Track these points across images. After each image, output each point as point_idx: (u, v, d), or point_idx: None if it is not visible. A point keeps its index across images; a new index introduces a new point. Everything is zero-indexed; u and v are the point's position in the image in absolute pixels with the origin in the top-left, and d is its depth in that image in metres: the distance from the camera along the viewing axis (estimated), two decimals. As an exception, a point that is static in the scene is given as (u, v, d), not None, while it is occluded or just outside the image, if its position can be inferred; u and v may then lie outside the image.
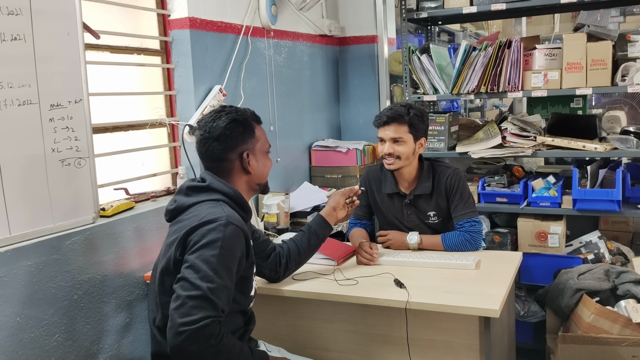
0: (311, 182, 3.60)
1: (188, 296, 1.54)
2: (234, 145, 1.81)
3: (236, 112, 1.84)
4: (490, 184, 3.24)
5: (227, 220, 1.66)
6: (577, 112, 3.42)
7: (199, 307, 1.53)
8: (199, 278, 1.57)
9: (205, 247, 1.61)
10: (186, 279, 1.58)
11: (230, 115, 1.81)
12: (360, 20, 3.91)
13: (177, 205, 1.80)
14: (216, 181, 1.80)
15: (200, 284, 1.56)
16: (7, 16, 1.83)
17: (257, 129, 1.88)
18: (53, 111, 1.98)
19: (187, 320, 1.51)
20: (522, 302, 3.17)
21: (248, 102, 3.01)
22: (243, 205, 1.82)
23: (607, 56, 2.89)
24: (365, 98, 3.95)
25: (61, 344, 2.01)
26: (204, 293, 1.55)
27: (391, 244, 2.48)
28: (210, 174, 1.82)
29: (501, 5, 3.13)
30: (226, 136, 1.79)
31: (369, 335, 2.10)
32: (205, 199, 1.76)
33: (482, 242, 2.42)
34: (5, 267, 1.83)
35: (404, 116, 2.38)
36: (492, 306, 1.83)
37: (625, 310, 2.48)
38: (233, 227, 1.66)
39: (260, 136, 1.88)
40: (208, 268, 1.58)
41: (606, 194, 2.88)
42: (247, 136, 1.83)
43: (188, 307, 1.53)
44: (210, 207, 1.72)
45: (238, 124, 1.81)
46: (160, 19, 2.68)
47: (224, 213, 1.68)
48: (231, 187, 1.80)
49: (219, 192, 1.78)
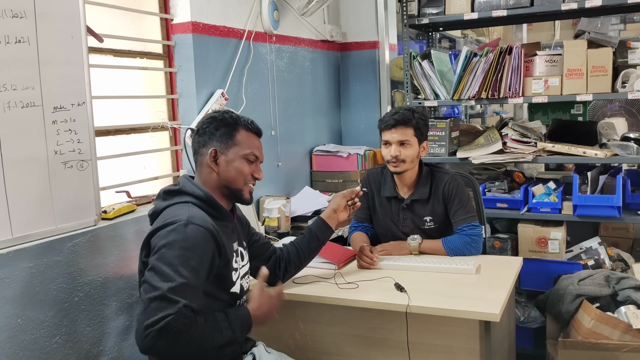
0: (312, 187, 3.60)
1: (149, 298, 1.55)
2: (206, 141, 1.86)
3: (224, 114, 1.89)
4: (490, 189, 3.25)
5: (187, 220, 1.67)
6: (577, 118, 3.43)
7: (158, 308, 1.53)
8: (159, 280, 1.57)
9: (165, 247, 1.62)
10: (147, 282, 1.59)
11: (218, 114, 1.90)
12: (361, 26, 3.93)
13: (153, 210, 1.84)
14: (189, 184, 1.83)
15: (160, 285, 1.56)
16: (12, 19, 1.84)
17: (241, 135, 1.87)
18: (56, 113, 1.99)
19: (150, 322, 1.52)
20: (522, 308, 3.17)
21: (250, 107, 3.02)
22: (215, 206, 1.83)
23: (608, 63, 2.90)
24: (366, 103, 3.97)
25: (62, 346, 2.01)
26: (162, 293, 1.55)
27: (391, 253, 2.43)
28: (186, 178, 1.87)
29: (502, 12, 3.14)
30: (202, 131, 1.87)
31: (370, 339, 2.10)
32: (177, 201, 1.79)
33: (481, 246, 2.42)
34: (6, 268, 1.83)
35: (411, 120, 2.40)
36: (493, 310, 1.83)
37: (625, 316, 2.48)
38: (194, 226, 1.67)
39: (242, 142, 1.87)
40: (169, 269, 1.59)
41: (606, 200, 2.89)
42: (222, 136, 1.85)
43: (150, 309, 1.54)
44: (177, 209, 1.75)
45: (215, 121, 1.87)
46: (163, 23, 2.69)
47: (187, 214, 1.70)
48: (203, 189, 1.83)
49: (189, 194, 1.81)
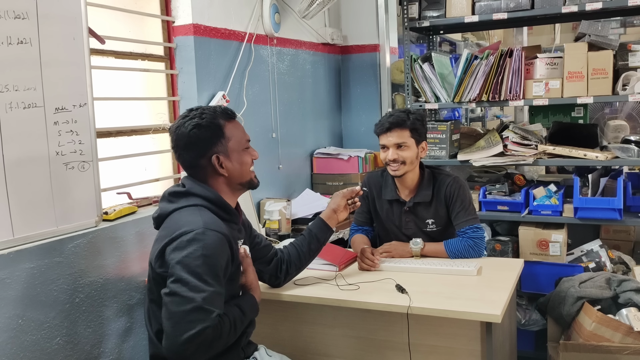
0: (313, 189, 3.60)
1: (184, 311, 1.53)
2: (202, 151, 1.74)
3: (200, 115, 1.74)
4: (491, 192, 3.25)
5: (204, 227, 1.63)
6: (578, 121, 3.43)
7: (196, 320, 1.52)
8: (190, 290, 1.54)
9: (187, 258, 1.58)
10: (176, 294, 1.55)
11: (193, 121, 1.73)
12: (362, 29, 3.94)
13: (159, 213, 1.78)
14: (196, 185, 1.76)
15: (192, 296, 1.53)
16: (14, 20, 1.85)
17: (228, 128, 1.77)
18: (58, 114, 2.00)
19: (189, 336, 1.50)
20: (523, 311, 3.16)
21: (251, 109, 3.03)
22: (225, 207, 1.78)
23: (608, 65, 2.90)
24: (366, 106, 3.97)
25: (62, 347, 2.01)
26: (198, 305, 1.53)
27: (393, 254, 2.43)
28: (190, 178, 1.79)
29: (503, 15, 3.14)
30: (192, 143, 1.73)
31: (371, 341, 2.09)
32: (186, 204, 1.73)
33: (484, 249, 2.42)
34: (7, 269, 1.83)
35: (405, 121, 2.38)
36: (494, 311, 1.83)
37: (626, 318, 2.48)
38: (211, 232, 1.64)
39: (232, 134, 1.78)
40: (196, 279, 1.56)
41: (607, 203, 2.88)
42: (215, 139, 1.75)
43: (186, 322, 1.52)
44: (189, 214, 1.70)
45: (202, 128, 1.73)
46: (164, 25, 2.70)
47: (201, 220, 1.66)
48: (212, 190, 1.77)
49: (198, 196, 1.74)
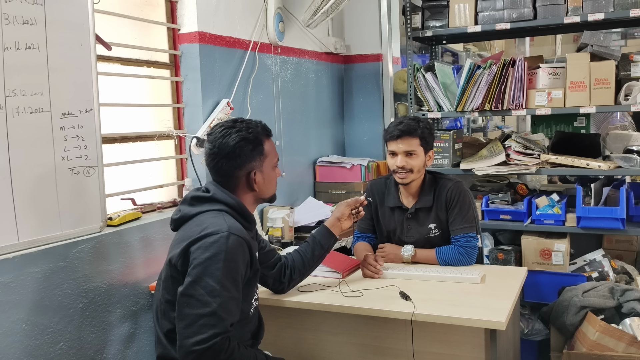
0: (315, 198, 3.61)
1: (197, 314, 1.54)
2: (242, 164, 1.79)
3: (247, 129, 1.80)
4: (494, 201, 3.25)
5: (228, 231, 1.65)
6: (580, 131, 3.44)
7: (208, 324, 1.53)
8: (207, 294, 1.56)
9: (209, 260, 1.60)
10: (192, 296, 1.57)
11: (241, 134, 1.78)
12: (365, 39, 3.96)
13: (181, 215, 1.80)
14: (220, 192, 1.79)
15: (209, 300, 1.55)
16: (22, 25, 1.86)
17: (267, 144, 1.85)
18: (64, 120, 2.01)
19: (198, 340, 1.52)
20: (526, 320, 3.15)
21: (254, 117, 2.96)
22: (246, 215, 1.82)
23: (611, 75, 2.92)
24: (369, 115, 3.98)
25: (65, 352, 2.00)
26: (213, 310, 1.54)
27: (386, 256, 2.44)
28: (215, 184, 1.82)
29: (505, 25, 3.17)
30: (235, 154, 1.77)
31: (374, 348, 2.09)
32: (209, 209, 1.76)
33: (475, 257, 2.40)
34: (12, 273, 1.83)
35: (416, 129, 2.39)
36: (498, 318, 1.83)
37: (630, 328, 2.47)
38: (234, 237, 1.65)
39: (269, 151, 1.85)
40: (214, 282, 1.57)
41: (610, 212, 2.88)
42: (256, 154, 1.81)
43: (198, 325, 1.53)
44: (212, 217, 1.72)
45: (248, 142, 1.78)
46: (170, 33, 2.72)
47: (226, 224, 1.68)
48: (234, 197, 1.80)
49: (221, 202, 1.77)
